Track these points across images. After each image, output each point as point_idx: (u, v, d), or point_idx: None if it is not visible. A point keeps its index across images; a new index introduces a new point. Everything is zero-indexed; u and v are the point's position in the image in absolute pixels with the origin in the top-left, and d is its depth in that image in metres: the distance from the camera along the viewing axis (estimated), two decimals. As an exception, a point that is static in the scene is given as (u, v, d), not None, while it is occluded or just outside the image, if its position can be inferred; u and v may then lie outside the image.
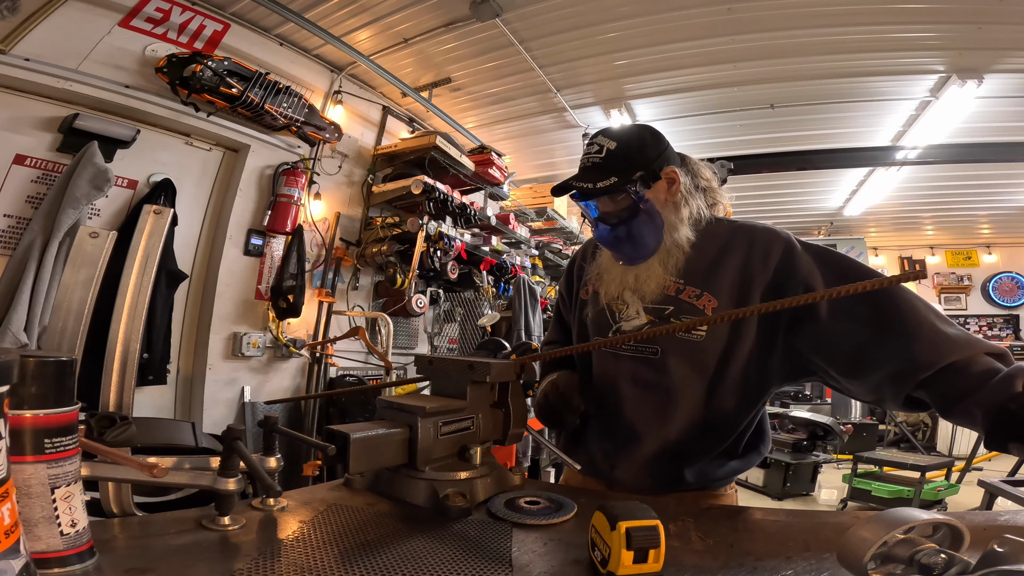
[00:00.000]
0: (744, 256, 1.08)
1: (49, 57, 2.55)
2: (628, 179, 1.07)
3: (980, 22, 3.31)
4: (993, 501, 3.03)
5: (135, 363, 1.92)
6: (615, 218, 1.11)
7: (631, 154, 1.09)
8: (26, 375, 0.54)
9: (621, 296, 1.16)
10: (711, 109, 4.52)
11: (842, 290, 0.80)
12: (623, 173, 1.07)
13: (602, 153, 1.09)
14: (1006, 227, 7.48)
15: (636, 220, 1.10)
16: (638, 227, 1.11)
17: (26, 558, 0.48)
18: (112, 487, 1.67)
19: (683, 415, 1.11)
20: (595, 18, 3.46)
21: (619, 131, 1.13)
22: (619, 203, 1.10)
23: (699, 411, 1.10)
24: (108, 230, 2.14)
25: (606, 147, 1.10)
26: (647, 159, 1.10)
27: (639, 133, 1.14)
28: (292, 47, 3.64)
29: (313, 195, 3.70)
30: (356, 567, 0.65)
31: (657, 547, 0.62)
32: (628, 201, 1.09)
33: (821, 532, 0.79)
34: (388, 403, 0.96)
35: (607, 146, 1.10)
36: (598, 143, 1.11)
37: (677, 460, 1.11)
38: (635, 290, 1.14)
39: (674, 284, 1.11)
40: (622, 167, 1.08)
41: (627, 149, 1.09)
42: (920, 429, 7.26)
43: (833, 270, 1.02)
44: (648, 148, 1.11)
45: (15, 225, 2.57)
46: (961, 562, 0.55)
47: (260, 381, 3.43)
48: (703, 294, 1.08)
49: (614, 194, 1.08)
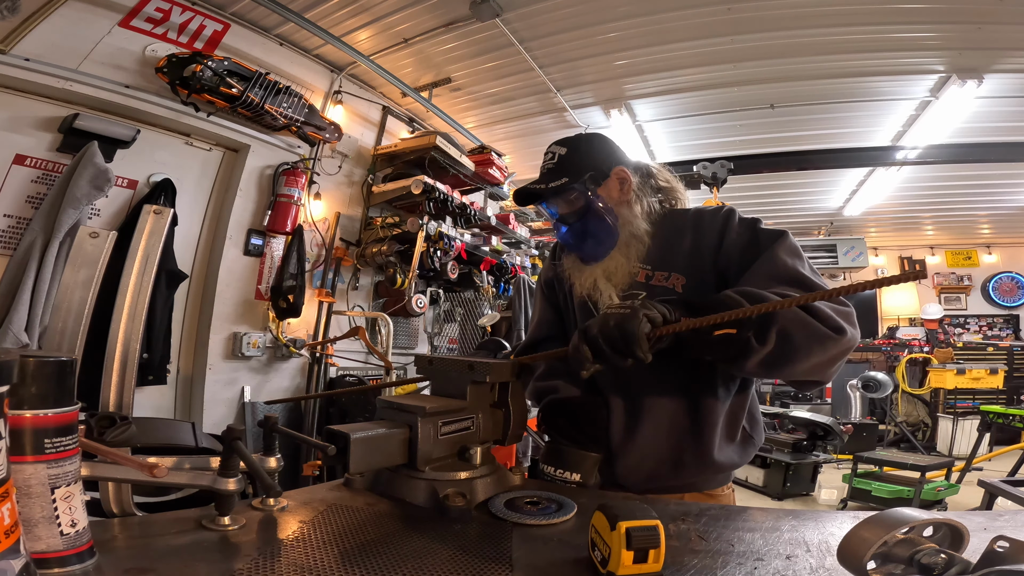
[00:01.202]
0: (696, 232, 1.16)
1: (49, 57, 2.55)
2: (578, 178, 1.16)
3: (980, 22, 3.31)
4: (993, 501, 3.03)
5: (135, 363, 1.92)
6: (572, 217, 1.20)
7: (580, 157, 1.19)
8: (26, 375, 0.54)
9: (596, 285, 1.21)
10: (711, 109, 4.52)
11: (841, 290, 0.80)
12: (573, 174, 1.17)
13: (555, 160, 1.19)
14: (1006, 227, 7.48)
15: (590, 217, 1.18)
16: (593, 224, 1.19)
17: (26, 558, 0.48)
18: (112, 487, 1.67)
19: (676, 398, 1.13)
20: (595, 18, 3.46)
21: (570, 138, 1.24)
22: (574, 203, 1.19)
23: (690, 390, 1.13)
24: (108, 230, 2.14)
25: (558, 153, 1.20)
26: (595, 160, 1.19)
27: (587, 138, 1.25)
28: (292, 47, 3.64)
29: (313, 195, 3.70)
30: (356, 567, 0.65)
31: (657, 547, 0.62)
32: (581, 200, 1.18)
33: (821, 532, 0.79)
34: (388, 403, 0.96)
35: (559, 152, 1.20)
36: (551, 151, 1.21)
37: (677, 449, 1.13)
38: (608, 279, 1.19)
39: (642, 271, 1.17)
40: (572, 169, 1.17)
41: (576, 153, 1.20)
42: (920, 429, 7.26)
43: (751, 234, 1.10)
44: (595, 151, 1.21)
45: (15, 225, 2.57)
46: (961, 562, 0.55)
47: (260, 381, 3.43)
48: (670, 275, 1.15)
49: (566, 193, 1.18)
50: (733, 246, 1.10)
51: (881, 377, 6.88)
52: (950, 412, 6.68)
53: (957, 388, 6.79)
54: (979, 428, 5.24)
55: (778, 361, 0.93)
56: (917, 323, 8.33)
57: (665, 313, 0.87)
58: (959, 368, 6.82)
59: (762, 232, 1.09)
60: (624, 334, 0.84)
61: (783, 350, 0.92)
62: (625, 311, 0.86)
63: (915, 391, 7.29)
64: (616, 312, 0.87)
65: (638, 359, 0.84)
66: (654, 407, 1.14)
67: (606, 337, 0.86)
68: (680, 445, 1.13)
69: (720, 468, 1.14)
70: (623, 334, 0.84)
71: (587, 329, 0.89)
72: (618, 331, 0.84)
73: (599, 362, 0.89)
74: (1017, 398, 6.72)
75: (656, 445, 1.13)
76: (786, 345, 0.91)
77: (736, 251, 1.09)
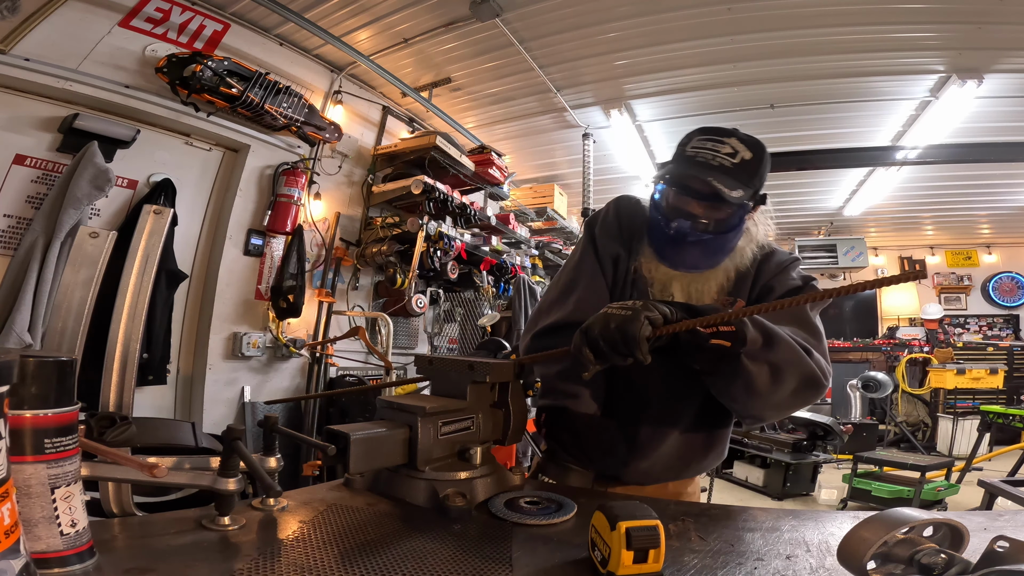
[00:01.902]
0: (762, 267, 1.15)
1: (49, 57, 2.55)
2: (751, 195, 1.04)
3: (980, 22, 3.31)
4: (993, 501, 3.03)
5: (135, 363, 1.92)
6: (708, 224, 1.06)
7: (761, 172, 1.06)
8: (26, 375, 0.54)
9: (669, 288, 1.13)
10: (711, 109, 4.52)
11: (841, 290, 0.80)
12: (749, 187, 1.03)
13: (735, 158, 1.03)
14: (1006, 227, 7.47)
15: (724, 236, 1.07)
16: (721, 240, 1.08)
17: (26, 558, 0.48)
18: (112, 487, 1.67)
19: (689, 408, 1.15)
20: (595, 18, 3.46)
21: (755, 142, 1.07)
22: (723, 212, 1.05)
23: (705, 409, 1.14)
24: (108, 230, 2.14)
25: (741, 154, 1.03)
26: (764, 180, 1.07)
27: (765, 152, 1.08)
28: (292, 47, 3.64)
29: (313, 195, 3.70)
30: (356, 567, 0.65)
31: (657, 547, 0.62)
32: (731, 215, 1.05)
33: (821, 532, 0.79)
34: (388, 403, 0.96)
35: (743, 154, 1.04)
36: (732, 146, 1.04)
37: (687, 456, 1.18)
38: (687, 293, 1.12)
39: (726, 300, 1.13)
40: (750, 181, 1.04)
41: (759, 165, 1.05)
42: (920, 429, 7.26)
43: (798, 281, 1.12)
44: (765, 169, 1.07)
45: (15, 225, 2.57)
46: (961, 562, 0.55)
47: (260, 381, 3.43)
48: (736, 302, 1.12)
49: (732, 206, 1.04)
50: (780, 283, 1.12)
51: (881, 377, 6.88)
52: (950, 412, 6.68)
53: (957, 388, 6.79)
54: (979, 428, 5.24)
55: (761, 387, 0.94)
56: (917, 323, 8.33)
57: (667, 314, 0.87)
58: (959, 368, 6.81)
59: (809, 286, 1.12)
60: (625, 336, 0.84)
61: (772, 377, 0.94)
62: (627, 313, 0.86)
63: (915, 391, 7.29)
64: (617, 313, 0.87)
65: (637, 360, 0.85)
66: (668, 416, 1.16)
67: (607, 338, 0.86)
68: (687, 455, 1.18)
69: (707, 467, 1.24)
70: (624, 336, 0.84)
71: (588, 330, 0.89)
72: (619, 333, 0.84)
73: (600, 362, 0.89)
74: (1017, 398, 6.72)
75: (668, 452, 1.16)
76: (775, 372, 0.94)
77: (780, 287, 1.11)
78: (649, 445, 1.16)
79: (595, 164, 4.93)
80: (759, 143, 1.07)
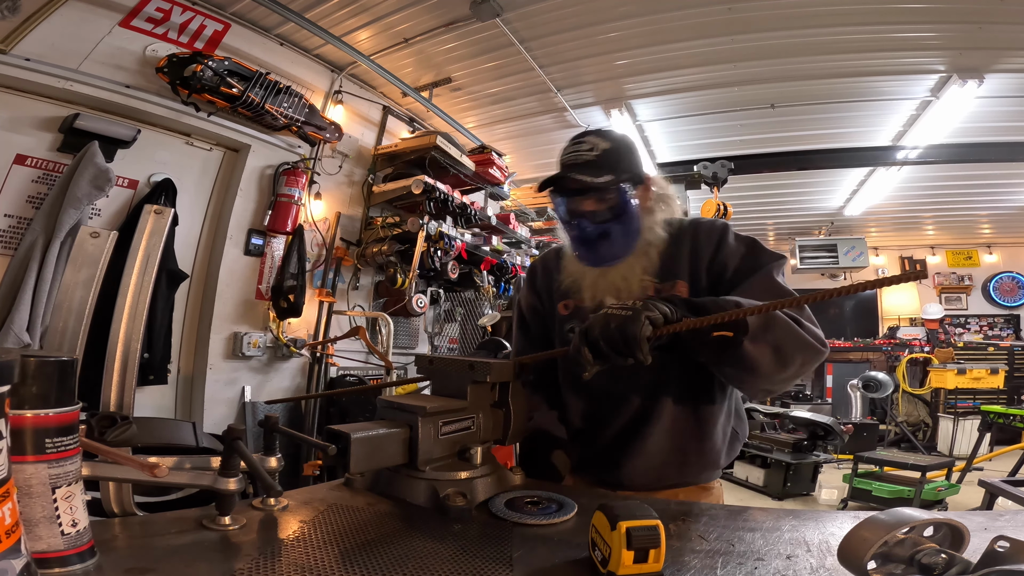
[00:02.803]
0: (694, 240, 1.17)
1: (50, 57, 2.55)
2: (621, 178, 1.12)
3: (980, 22, 3.31)
4: (994, 501, 3.03)
5: (136, 363, 1.92)
6: (599, 217, 1.14)
7: (623, 156, 1.15)
8: (27, 375, 0.54)
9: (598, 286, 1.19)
10: (711, 109, 4.52)
11: (841, 290, 0.81)
12: (618, 172, 1.12)
13: (595, 151, 1.12)
14: (1007, 227, 7.47)
15: (620, 221, 1.15)
16: (620, 228, 1.15)
17: (27, 558, 0.48)
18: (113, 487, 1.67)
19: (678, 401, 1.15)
20: (595, 18, 3.45)
21: (611, 132, 1.18)
22: (607, 202, 1.13)
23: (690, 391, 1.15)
24: (109, 230, 2.14)
25: (599, 146, 1.13)
26: (635, 163, 1.17)
27: (624, 137, 1.20)
28: (292, 47, 3.64)
29: (313, 195, 3.70)
30: (356, 567, 0.65)
31: (657, 547, 0.62)
32: (616, 200, 1.13)
33: (822, 532, 0.79)
34: (388, 403, 0.96)
35: (600, 145, 1.13)
36: (589, 142, 1.14)
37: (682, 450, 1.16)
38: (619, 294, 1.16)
39: (654, 285, 1.16)
40: (616, 166, 1.12)
41: (618, 150, 1.14)
42: (920, 429, 7.26)
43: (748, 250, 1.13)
44: (634, 153, 1.18)
45: (16, 225, 2.57)
46: (961, 562, 0.55)
47: (260, 381, 3.44)
48: (675, 283, 1.15)
49: (607, 192, 1.12)
50: (731, 256, 1.12)
51: (882, 377, 6.87)
52: (951, 412, 6.68)
53: (958, 388, 6.79)
54: (980, 428, 5.24)
55: (765, 367, 0.95)
56: (918, 323, 8.32)
57: (667, 313, 0.87)
58: (960, 368, 6.81)
59: (763, 250, 1.13)
60: (625, 337, 0.84)
61: (775, 357, 0.94)
62: (627, 313, 0.85)
63: (916, 391, 7.29)
64: (617, 314, 0.86)
65: (639, 360, 0.85)
66: (658, 410, 1.16)
67: (607, 339, 0.85)
68: (685, 446, 1.16)
69: (715, 464, 1.19)
70: (624, 337, 0.84)
71: (588, 331, 0.89)
72: (619, 334, 0.84)
73: (599, 363, 0.88)
74: (1018, 398, 6.71)
75: (661, 448, 1.15)
76: (777, 352, 0.94)
77: (734, 260, 1.12)
78: (638, 443, 1.16)
79: (595, 164, 4.92)
80: (615, 134, 1.18)
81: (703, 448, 1.16)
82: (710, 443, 1.17)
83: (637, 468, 1.16)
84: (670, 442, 1.15)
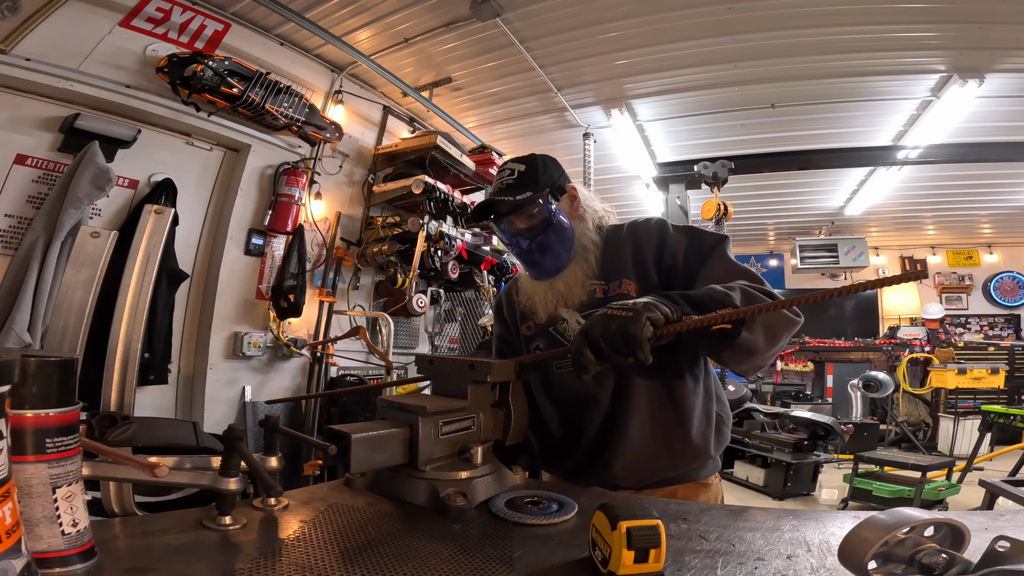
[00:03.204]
0: (634, 240, 1.24)
1: (50, 57, 2.56)
2: (540, 192, 1.23)
3: (981, 21, 3.30)
4: (994, 501, 3.03)
5: (136, 363, 1.92)
6: (532, 232, 1.25)
7: (538, 173, 1.25)
8: (27, 375, 0.54)
9: (557, 314, 1.26)
10: (711, 109, 4.52)
11: (841, 291, 0.81)
12: (535, 188, 1.23)
13: (514, 176, 1.24)
14: (1007, 227, 7.47)
15: (551, 231, 1.24)
16: (553, 236, 1.24)
17: (27, 558, 0.48)
18: (113, 487, 1.68)
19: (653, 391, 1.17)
20: (595, 18, 3.45)
21: (526, 156, 1.30)
22: (535, 217, 1.24)
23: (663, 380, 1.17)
24: (109, 230, 2.14)
25: (517, 170, 1.25)
26: (552, 177, 1.27)
27: (542, 157, 1.31)
28: (292, 47, 3.64)
29: (314, 195, 3.70)
30: (357, 567, 0.65)
31: (658, 547, 0.62)
32: (543, 215, 1.24)
33: (822, 532, 0.79)
34: (389, 403, 0.96)
35: (518, 168, 1.25)
36: (509, 168, 1.26)
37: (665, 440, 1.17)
38: (567, 302, 1.24)
39: (600, 287, 1.23)
40: (533, 184, 1.23)
41: (534, 169, 1.25)
42: (921, 429, 7.26)
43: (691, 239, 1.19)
44: (551, 168, 1.28)
45: (16, 225, 2.57)
46: (962, 562, 0.55)
47: (261, 381, 3.44)
48: (622, 283, 1.21)
49: (529, 207, 1.23)
50: (676, 246, 1.18)
51: (882, 377, 6.87)
52: (951, 412, 6.67)
53: (958, 388, 6.79)
54: (980, 428, 5.24)
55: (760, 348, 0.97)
56: (918, 323, 8.32)
57: (667, 313, 0.87)
58: (960, 368, 6.81)
59: (704, 234, 1.19)
60: (627, 338, 0.83)
61: (767, 337, 0.97)
62: (628, 314, 0.85)
63: (916, 391, 7.28)
64: (618, 314, 0.86)
65: (639, 360, 0.85)
66: (632, 402, 1.17)
67: (608, 340, 0.85)
68: (667, 434, 1.17)
69: (706, 452, 1.20)
70: (626, 338, 0.83)
71: (589, 331, 0.88)
72: (621, 335, 0.84)
73: (601, 364, 0.88)
74: (1018, 398, 6.71)
75: (644, 439, 1.16)
76: (769, 332, 0.97)
77: (680, 250, 1.18)
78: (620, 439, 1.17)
79: (596, 164, 4.92)
80: (533, 156, 1.29)
81: (686, 433, 1.17)
82: (693, 426, 1.17)
83: (626, 464, 1.16)
84: (651, 432, 1.16)
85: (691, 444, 1.17)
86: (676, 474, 1.19)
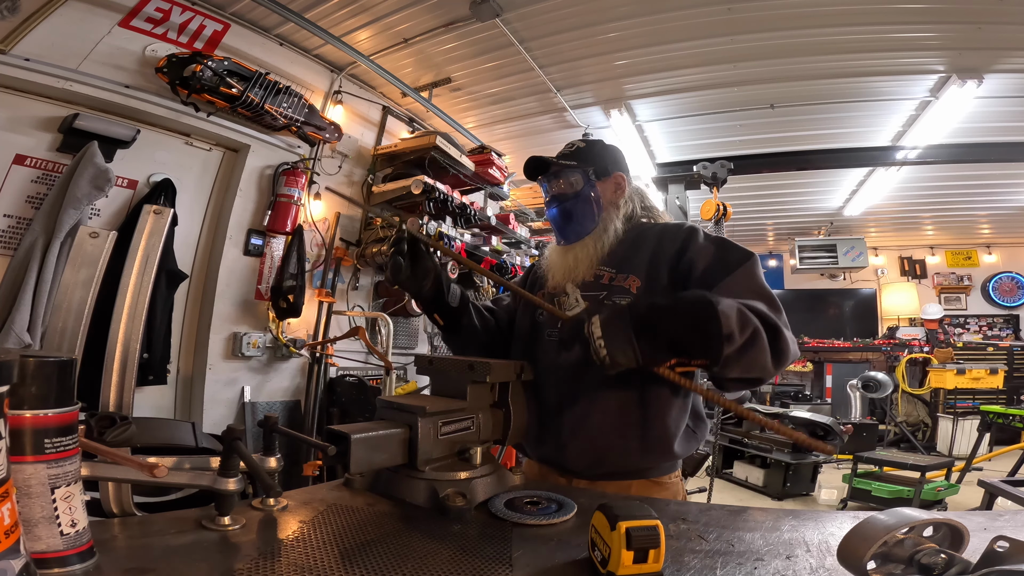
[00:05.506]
0: (659, 242, 1.26)
1: (49, 57, 2.55)
2: (584, 167, 1.33)
3: (980, 22, 3.31)
4: (993, 501, 3.03)
5: (135, 363, 1.92)
6: (563, 198, 1.34)
7: (593, 153, 1.36)
8: (26, 375, 0.54)
9: (563, 287, 1.30)
10: (711, 109, 4.52)
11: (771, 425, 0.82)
12: (583, 161, 1.34)
13: (572, 147, 1.37)
14: (1006, 227, 7.47)
15: (581, 200, 1.33)
16: (581, 208, 1.33)
17: (26, 558, 0.48)
18: (112, 487, 1.68)
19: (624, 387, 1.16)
20: (595, 18, 3.45)
21: (593, 138, 1.42)
22: (573, 184, 1.33)
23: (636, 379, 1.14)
24: (108, 230, 2.15)
25: (577, 144, 1.37)
26: (605, 160, 1.36)
27: (605, 142, 1.42)
28: (292, 47, 3.64)
29: (313, 195, 3.70)
30: (356, 567, 0.65)
31: (657, 547, 0.62)
32: (581, 184, 1.33)
33: (821, 532, 0.79)
34: (388, 403, 0.96)
35: (578, 144, 1.37)
36: (573, 142, 1.38)
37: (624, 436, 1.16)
38: (573, 276, 1.29)
39: (607, 273, 1.26)
40: (584, 158, 1.34)
41: (592, 148, 1.37)
42: (920, 429, 7.26)
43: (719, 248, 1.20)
44: (608, 153, 1.38)
45: (15, 225, 2.57)
46: (961, 562, 0.55)
47: (260, 381, 3.43)
48: (628, 276, 1.24)
49: (569, 172, 1.33)
50: (699, 254, 1.18)
51: (881, 377, 6.88)
52: (950, 412, 6.68)
53: (957, 388, 6.79)
54: (979, 428, 5.24)
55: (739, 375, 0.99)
56: (917, 323, 8.33)
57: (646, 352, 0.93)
58: (959, 368, 6.81)
59: (734, 247, 1.19)
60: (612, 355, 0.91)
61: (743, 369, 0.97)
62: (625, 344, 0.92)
63: (915, 391, 7.29)
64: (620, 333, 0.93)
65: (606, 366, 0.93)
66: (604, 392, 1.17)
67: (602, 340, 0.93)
68: (626, 432, 1.16)
69: (670, 452, 1.18)
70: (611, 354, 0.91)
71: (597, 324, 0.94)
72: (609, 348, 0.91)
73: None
74: (1017, 398, 6.72)
75: (602, 429, 1.16)
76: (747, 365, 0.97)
77: (703, 259, 1.17)
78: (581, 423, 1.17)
79: (595, 164, 4.92)
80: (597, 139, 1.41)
81: (647, 436, 1.15)
82: (656, 433, 1.16)
83: (579, 448, 1.17)
84: (612, 425, 1.16)
85: (648, 446, 1.16)
86: (631, 468, 1.18)
